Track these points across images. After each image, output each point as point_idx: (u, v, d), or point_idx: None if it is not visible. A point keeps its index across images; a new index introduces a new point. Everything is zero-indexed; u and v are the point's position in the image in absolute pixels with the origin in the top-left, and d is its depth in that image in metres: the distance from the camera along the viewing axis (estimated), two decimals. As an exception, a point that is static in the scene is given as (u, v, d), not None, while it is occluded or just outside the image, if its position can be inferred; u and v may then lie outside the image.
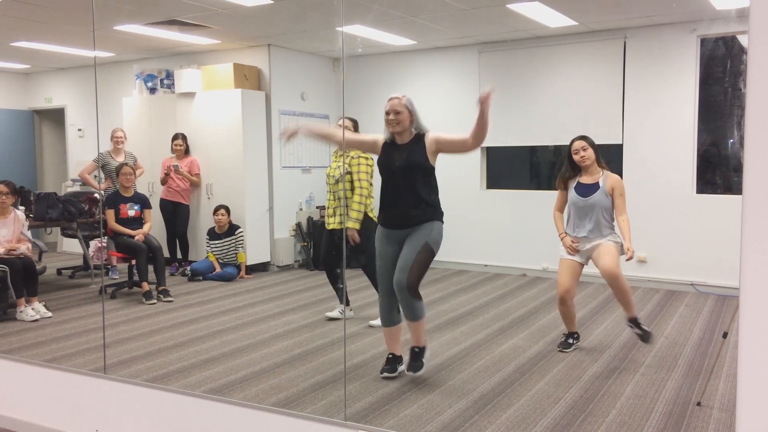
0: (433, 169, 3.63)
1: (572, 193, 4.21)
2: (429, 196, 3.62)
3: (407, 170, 3.56)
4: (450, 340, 4.58)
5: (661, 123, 6.24)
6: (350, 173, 4.77)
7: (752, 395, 1.89)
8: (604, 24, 6.25)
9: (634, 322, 4.20)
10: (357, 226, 4.71)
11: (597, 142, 6.87)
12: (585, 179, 4.20)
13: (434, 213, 3.64)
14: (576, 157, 4.19)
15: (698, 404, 3.39)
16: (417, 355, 3.75)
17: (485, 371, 3.93)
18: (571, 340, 4.36)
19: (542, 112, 6.84)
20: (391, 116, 3.61)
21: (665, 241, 6.12)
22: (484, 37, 6.89)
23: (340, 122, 4.90)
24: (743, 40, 1.92)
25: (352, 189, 4.76)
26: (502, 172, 7.51)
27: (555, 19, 6.03)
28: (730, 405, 3.37)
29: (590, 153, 4.16)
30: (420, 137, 3.63)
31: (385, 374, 3.80)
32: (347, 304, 5.09)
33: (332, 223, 4.94)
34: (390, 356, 3.87)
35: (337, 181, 4.87)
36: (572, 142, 4.24)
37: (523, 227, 6.93)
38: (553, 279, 6.58)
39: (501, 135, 7.08)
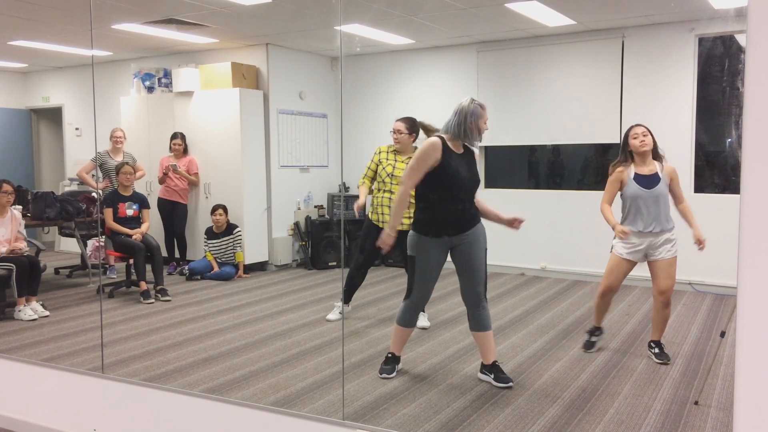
0: None
1: (633, 186, 4.00)
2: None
3: (474, 180, 3.64)
4: (448, 339, 4.58)
5: (659, 122, 6.22)
6: None
7: (750, 394, 1.89)
8: (603, 23, 6.25)
9: (657, 344, 4.12)
10: None
11: (594, 141, 6.88)
12: (642, 170, 4.02)
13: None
14: (635, 142, 4.01)
15: (696, 403, 3.39)
16: (500, 367, 3.71)
17: (483, 370, 3.93)
18: (594, 338, 4.32)
19: (540, 111, 6.83)
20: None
21: (663, 241, 6.11)
22: (483, 37, 6.89)
23: (394, 127, 4.74)
24: (741, 39, 1.92)
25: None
26: (501, 171, 7.51)
27: (553, 19, 6.03)
28: (727, 404, 3.37)
29: (650, 140, 4.00)
30: (469, 149, 3.65)
31: (384, 375, 3.79)
32: (347, 302, 5.07)
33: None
34: (389, 355, 3.87)
35: None
36: (631, 128, 4.08)
37: (522, 226, 6.92)
38: (551, 279, 6.59)
39: (499, 134, 7.08)
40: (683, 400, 3.44)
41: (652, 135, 4.04)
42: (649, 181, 3.98)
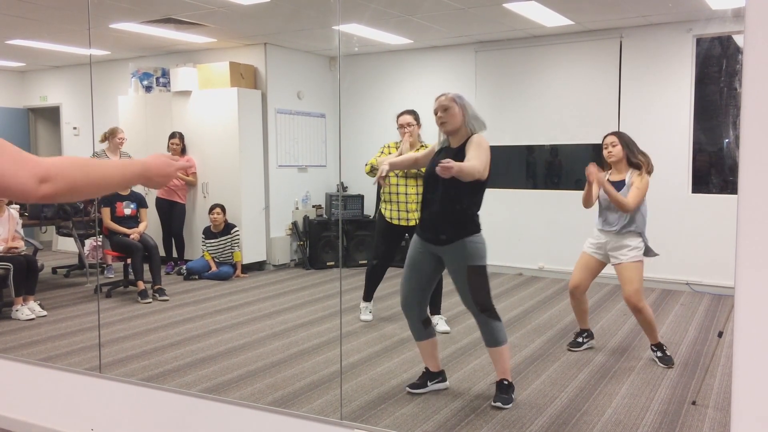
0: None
1: (601, 190, 4.12)
2: (469, 209, 3.32)
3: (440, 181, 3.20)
4: (446, 338, 4.58)
5: (656, 122, 6.25)
6: None
7: (747, 394, 1.90)
8: (601, 23, 6.26)
9: (658, 347, 4.10)
10: None
11: (592, 141, 6.84)
12: (614, 176, 4.12)
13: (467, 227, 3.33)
14: (604, 152, 4.13)
15: (693, 403, 3.40)
16: (506, 388, 3.37)
17: (481, 370, 3.93)
18: (581, 339, 4.35)
19: (538, 111, 6.84)
20: (440, 114, 3.30)
21: (660, 241, 6.06)
22: (481, 37, 6.89)
23: (403, 121, 4.64)
24: (739, 39, 1.93)
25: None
26: (498, 171, 7.48)
27: (551, 19, 6.03)
28: (725, 404, 3.37)
29: (618, 150, 4.06)
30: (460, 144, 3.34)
31: (407, 389, 3.58)
32: (368, 299, 5.01)
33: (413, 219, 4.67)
34: (424, 370, 3.65)
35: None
36: (605, 137, 4.16)
37: (519, 226, 6.93)
38: (549, 279, 6.59)
39: (497, 134, 7.07)
40: (681, 400, 3.45)
41: (624, 143, 4.06)
42: (615, 187, 4.03)
